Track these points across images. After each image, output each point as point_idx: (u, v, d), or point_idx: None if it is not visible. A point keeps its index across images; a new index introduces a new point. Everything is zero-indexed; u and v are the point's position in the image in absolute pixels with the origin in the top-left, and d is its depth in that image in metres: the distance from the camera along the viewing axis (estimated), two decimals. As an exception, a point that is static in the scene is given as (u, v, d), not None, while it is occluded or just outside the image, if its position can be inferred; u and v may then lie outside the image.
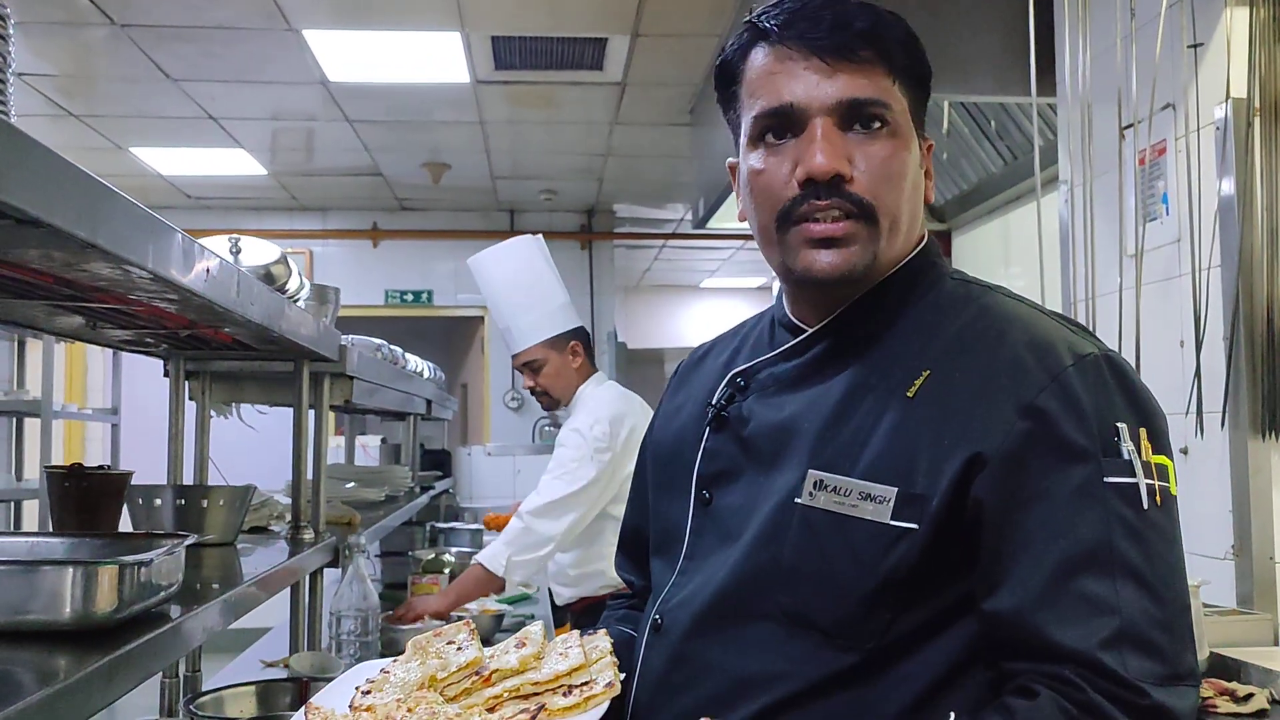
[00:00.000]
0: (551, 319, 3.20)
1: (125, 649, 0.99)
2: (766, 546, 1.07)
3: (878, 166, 1.07)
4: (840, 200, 1.06)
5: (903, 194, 1.09)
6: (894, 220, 1.09)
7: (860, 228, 1.07)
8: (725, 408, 1.18)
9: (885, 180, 1.07)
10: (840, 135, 1.07)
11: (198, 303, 1.27)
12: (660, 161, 6.69)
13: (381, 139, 6.25)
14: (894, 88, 1.09)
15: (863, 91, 1.07)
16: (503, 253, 3.29)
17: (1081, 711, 0.91)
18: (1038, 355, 1.02)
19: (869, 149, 1.07)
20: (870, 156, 1.07)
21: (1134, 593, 0.94)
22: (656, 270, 10.65)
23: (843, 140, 1.07)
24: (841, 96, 1.06)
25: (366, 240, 7.99)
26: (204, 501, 1.82)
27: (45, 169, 0.80)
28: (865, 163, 1.07)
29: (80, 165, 0.86)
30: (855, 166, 1.06)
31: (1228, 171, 2.47)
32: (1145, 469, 0.98)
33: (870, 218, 1.07)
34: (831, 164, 1.05)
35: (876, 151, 1.07)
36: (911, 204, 1.11)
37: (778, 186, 1.09)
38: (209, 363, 2.14)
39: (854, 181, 1.06)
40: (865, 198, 1.06)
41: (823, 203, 1.06)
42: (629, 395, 3.30)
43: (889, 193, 1.08)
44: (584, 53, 4.91)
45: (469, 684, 1.07)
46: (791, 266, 1.10)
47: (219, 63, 4.96)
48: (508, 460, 6.34)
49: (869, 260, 1.08)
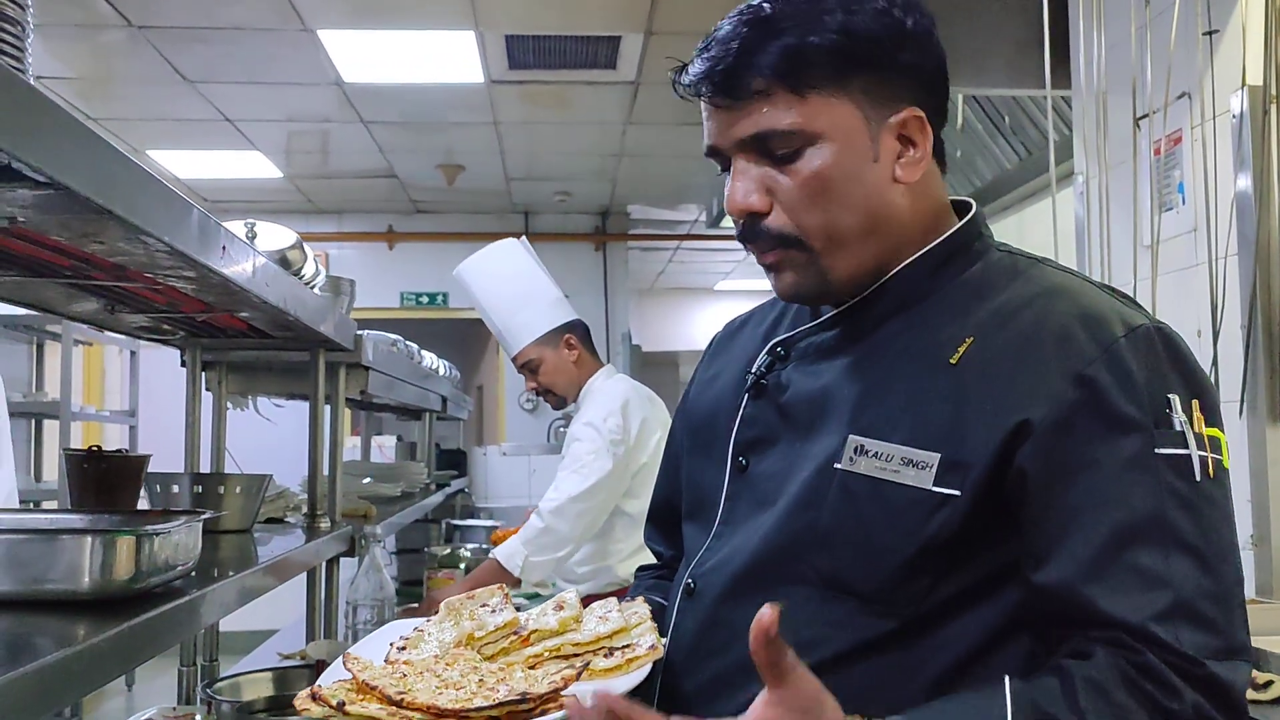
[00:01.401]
0: (541, 316, 3.17)
1: (141, 618, 1.00)
2: (804, 511, 1.06)
3: (797, 193, 1.06)
4: (762, 241, 1.09)
5: (834, 206, 1.06)
6: (830, 236, 1.07)
7: (790, 254, 1.09)
8: (765, 375, 1.18)
9: (807, 204, 1.06)
10: (758, 168, 1.08)
11: (215, 281, 1.28)
12: (674, 162, 6.69)
13: (396, 140, 6.27)
14: (808, 102, 1.04)
15: (766, 124, 1.05)
16: (486, 258, 3.27)
17: (1139, 673, 0.90)
18: (1088, 326, 1.01)
19: (788, 175, 1.06)
20: (789, 183, 1.06)
21: (1187, 565, 0.93)
22: (671, 272, 10.66)
23: (762, 172, 1.07)
24: (741, 135, 1.07)
25: (382, 243, 8.02)
26: (220, 488, 1.83)
27: (64, 132, 0.80)
28: (785, 192, 1.07)
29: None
30: (775, 196, 1.07)
31: (1244, 160, 2.46)
32: (1198, 441, 0.97)
33: (798, 245, 1.08)
34: (742, 203, 1.08)
35: (795, 177, 1.06)
36: (862, 206, 1.07)
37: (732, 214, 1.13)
38: (225, 352, 2.15)
39: (771, 215, 1.07)
40: (785, 230, 1.07)
41: (749, 246, 1.11)
42: (638, 387, 3.27)
43: (813, 215, 1.06)
44: (598, 51, 4.92)
45: (507, 644, 1.07)
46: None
47: (234, 64, 4.99)
48: (523, 460, 6.34)
49: (816, 279, 1.09)
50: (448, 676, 0.98)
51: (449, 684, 0.96)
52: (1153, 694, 0.90)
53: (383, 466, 3.57)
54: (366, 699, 0.94)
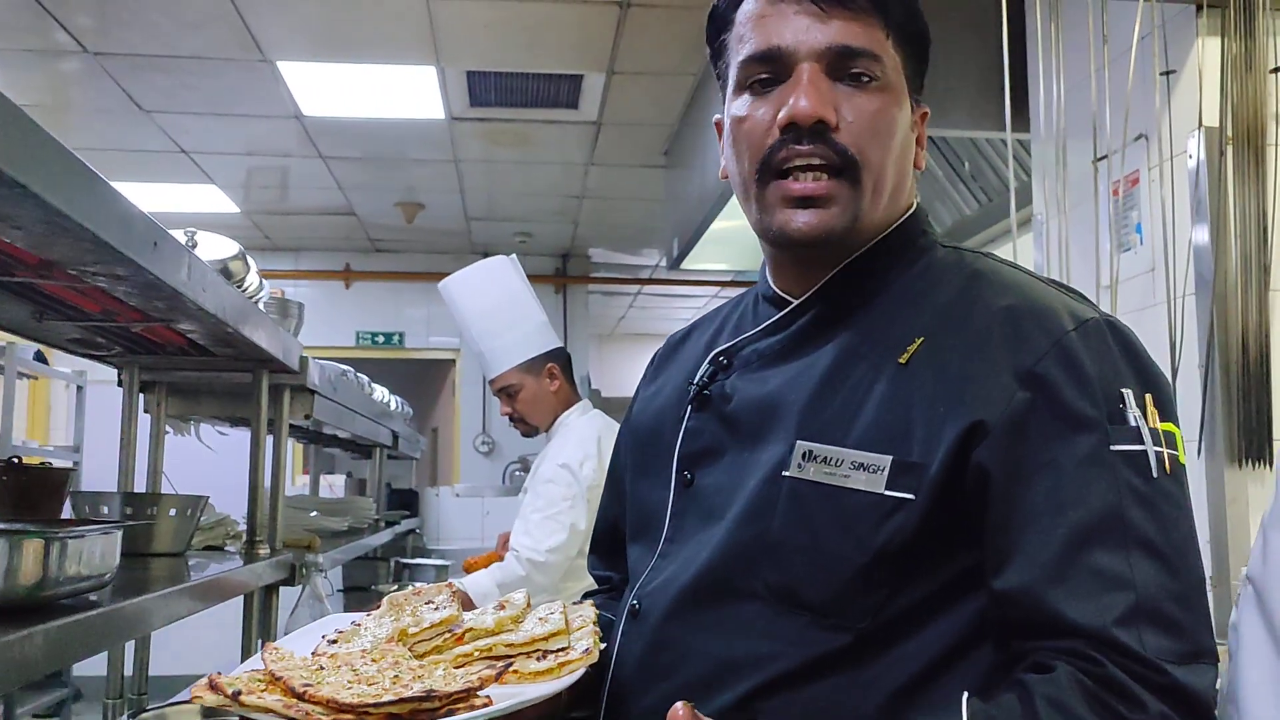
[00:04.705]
0: (527, 341, 3.09)
1: (49, 624, 0.92)
2: (752, 522, 1.01)
3: (866, 120, 1.02)
4: (823, 148, 1.01)
5: (890, 153, 1.04)
6: (878, 179, 1.04)
7: (841, 187, 1.02)
8: (707, 386, 1.13)
9: (872, 135, 1.02)
10: (828, 83, 1.02)
11: (146, 280, 1.22)
12: (635, 204, 6.69)
13: (355, 177, 6.22)
14: (888, 43, 1.04)
15: (855, 40, 1.02)
16: (474, 274, 3.19)
17: (1100, 686, 0.86)
18: (1037, 320, 0.98)
19: (858, 101, 1.02)
20: (858, 109, 1.02)
21: (1148, 565, 0.89)
22: (630, 318, 10.64)
23: (830, 88, 1.02)
24: (832, 42, 1.02)
25: (339, 281, 7.93)
26: (153, 509, 1.75)
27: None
28: (853, 114, 1.02)
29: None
30: (842, 117, 1.02)
31: (1201, 200, 2.47)
32: (1153, 436, 0.94)
33: (853, 174, 1.02)
34: (815, 108, 1.00)
35: (865, 104, 1.02)
36: (899, 166, 1.06)
37: (759, 133, 1.04)
38: (164, 372, 2.08)
39: (839, 131, 1.01)
40: (850, 149, 1.02)
41: (804, 148, 1.01)
42: (611, 424, 3.19)
43: (875, 149, 1.03)
44: (559, 90, 4.91)
45: (440, 641, 1.01)
46: (768, 225, 1.06)
47: (192, 94, 4.92)
48: (477, 502, 6.24)
49: (849, 221, 1.03)
50: (364, 672, 0.92)
51: (362, 679, 0.90)
52: (1116, 708, 0.85)
53: (329, 501, 3.48)
54: (270, 690, 0.88)
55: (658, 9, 4.04)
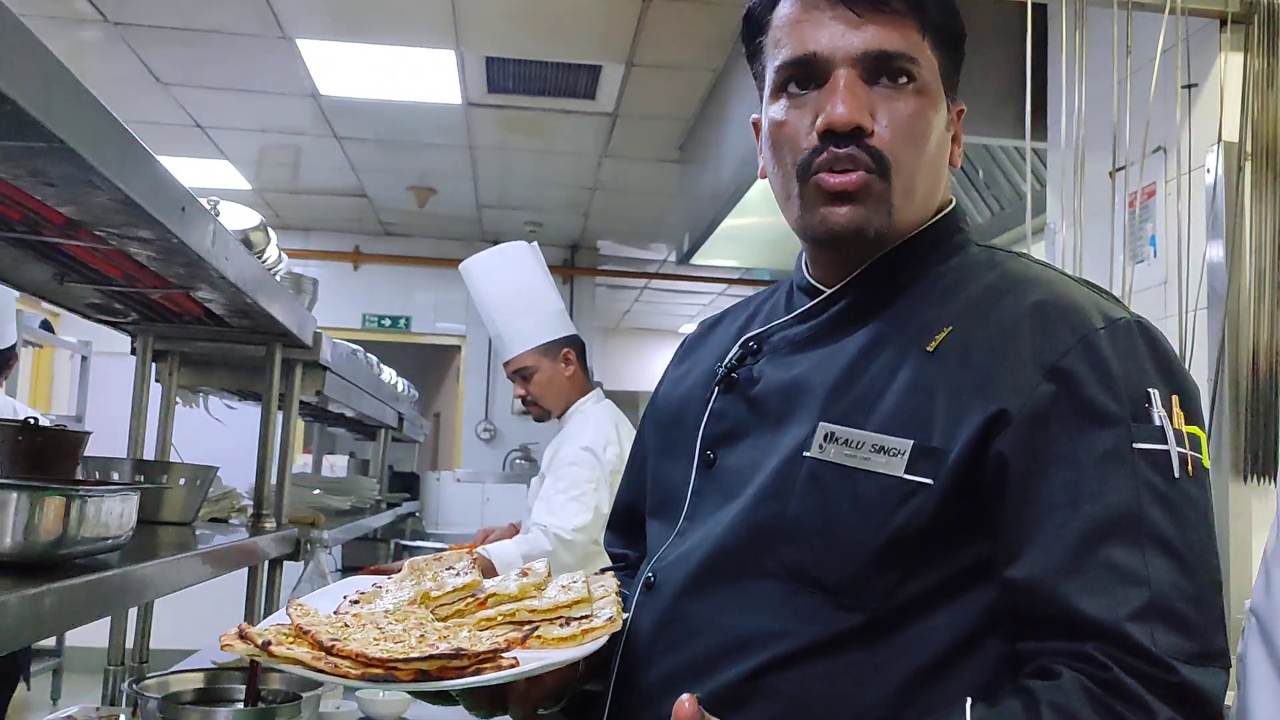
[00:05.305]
0: (544, 326, 3.12)
1: (66, 583, 0.93)
2: (770, 501, 1.02)
3: (901, 123, 1.03)
4: (859, 153, 1.02)
5: (923, 154, 1.05)
6: (910, 180, 1.05)
7: (876, 182, 1.03)
8: (735, 369, 1.14)
9: (907, 138, 1.03)
10: (864, 88, 1.03)
11: (171, 245, 1.22)
12: (648, 198, 6.69)
13: (369, 159, 6.23)
14: (925, 44, 1.04)
15: (890, 44, 1.03)
16: (496, 257, 3.22)
17: (1106, 691, 0.86)
18: (1066, 317, 0.98)
19: (893, 104, 1.03)
20: (894, 112, 1.03)
21: (1164, 564, 0.89)
22: (636, 312, 10.64)
23: (866, 93, 1.03)
24: (868, 47, 1.03)
25: (347, 263, 7.94)
26: (164, 477, 1.76)
27: (13, 37, 0.75)
28: (888, 118, 1.03)
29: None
30: (877, 121, 1.03)
31: (1217, 215, 2.47)
32: (1177, 437, 0.94)
33: (886, 174, 1.03)
34: (852, 115, 1.01)
35: (901, 108, 1.03)
36: (933, 167, 1.07)
37: (798, 138, 1.05)
38: (178, 342, 2.08)
39: (874, 135, 1.02)
40: (884, 152, 1.03)
41: (841, 151, 1.02)
42: (626, 417, 3.22)
43: (909, 151, 1.04)
44: (577, 80, 4.92)
45: (462, 606, 1.02)
46: (807, 223, 1.07)
47: (210, 68, 4.93)
48: (477, 488, 6.25)
49: (884, 217, 1.04)
50: (390, 630, 0.93)
51: (389, 636, 0.91)
52: (1123, 714, 0.85)
53: (333, 480, 3.49)
54: (298, 642, 0.89)
55: (680, 2, 4.05)
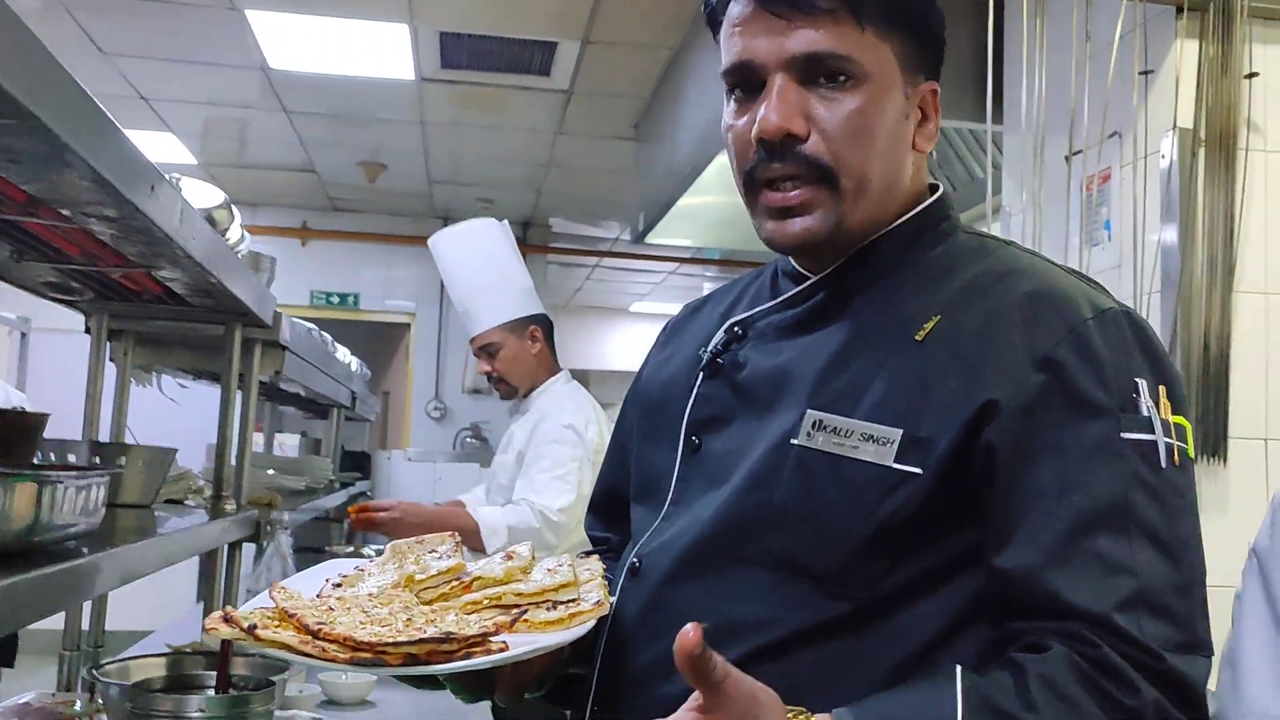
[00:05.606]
0: (511, 302, 3.12)
1: (40, 571, 0.91)
2: (757, 489, 1.02)
3: (840, 124, 1.02)
4: (794, 164, 1.02)
5: (871, 150, 1.03)
6: (860, 179, 1.03)
7: (820, 193, 1.03)
8: (721, 354, 1.13)
9: (849, 138, 1.02)
10: (799, 92, 1.02)
11: (138, 225, 1.19)
12: (602, 176, 6.66)
13: (318, 133, 6.13)
14: (865, 36, 1.02)
15: (820, 45, 1.01)
16: (465, 233, 3.22)
17: (1095, 668, 0.87)
18: (1056, 307, 0.99)
19: (832, 105, 1.02)
20: (834, 112, 1.02)
21: (1151, 554, 0.91)
22: (588, 290, 10.61)
23: (801, 97, 1.02)
24: (799, 51, 1.01)
25: (295, 239, 7.82)
26: (122, 459, 1.72)
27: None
28: (827, 120, 1.02)
29: None
30: (815, 124, 1.02)
31: (1171, 200, 2.51)
32: (1164, 427, 0.95)
33: (830, 180, 1.02)
34: (781, 123, 1.00)
35: (839, 108, 1.02)
36: (888, 158, 1.05)
37: (742, 145, 1.06)
38: (134, 321, 2.03)
39: (810, 141, 1.02)
40: (822, 159, 1.02)
41: (776, 167, 1.02)
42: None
43: (852, 151, 1.02)
44: (533, 56, 4.87)
45: (447, 589, 1.01)
46: (760, 233, 1.08)
47: (155, 38, 4.81)
48: (428, 467, 6.21)
49: (831, 226, 1.04)
50: (376, 614, 0.92)
51: (375, 620, 0.90)
52: (1110, 690, 0.87)
53: (287, 460, 3.45)
54: (284, 626, 0.88)
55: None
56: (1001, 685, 0.87)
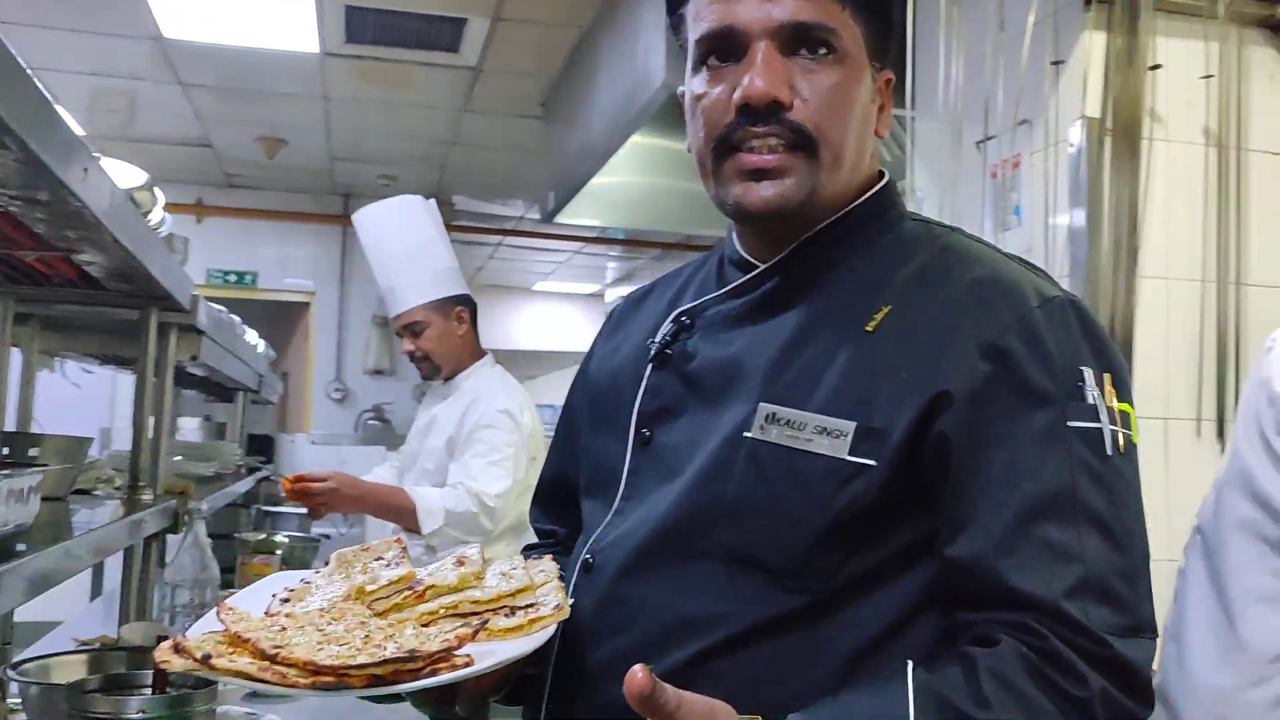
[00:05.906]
0: (436, 282, 3.08)
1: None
2: (710, 483, 1.01)
3: (822, 94, 1.02)
4: (778, 128, 1.01)
5: (848, 125, 1.04)
6: (837, 153, 1.04)
7: (798, 159, 1.02)
8: (669, 345, 1.12)
9: (829, 109, 1.02)
10: (783, 60, 1.02)
11: (69, 210, 1.14)
12: (507, 154, 6.59)
13: (215, 107, 5.94)
14: (844, 14, 1.04)
15: (808, 15, 1.02)
16: (390, 210, 3.15)
17: (1043, 659, 0.89)
18: (1003, 295, 0.99)
19: (814, 76, 1.02)
20: (815, 84, 1.02)
21: (1097, 541, 0.92)
22: (490, 269, 10.50)
23: (785, 66, 1.02)
24: (785, 19, 1.01)
25: (190, 215, 7.57)
26: (34, 451, 1.65)
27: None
28: (809, 90, 1.02)
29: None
30: (798, 94, 1.02)
31: (1079, 186, 2.59)
32: (1109, 415, 0.97)
33: (810, 148, 1.02)
34: (769, 89, 1.00)
35: (822, 79, 1.02)
36: (859, 137, 1.06)
37: (717, 112, 1.04)
38: (44, 305, 1.95)
39: (794, 109, 1.01)
40: (806, 126, 1.01)
41: (759, 129, 1.01)
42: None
43: (832, 123, 1.03)
44: (441, 32, 4.78)
45: (400, 599, 0.98)
46: (725, 199, 1.05)
47: (40, 5, 4.60)
48: (333, 450, 6.11)
49: (805, 194, 1.03)
50: (331, 632, 0.88)
51: (332, 639, 0.86)
52: (1058, 682, 0.89)
53: (195, 445, 3.35)
54: (238, 652, 0.84)
55: (550, -43, 3.98)
56: (952, 680, 0.89)
